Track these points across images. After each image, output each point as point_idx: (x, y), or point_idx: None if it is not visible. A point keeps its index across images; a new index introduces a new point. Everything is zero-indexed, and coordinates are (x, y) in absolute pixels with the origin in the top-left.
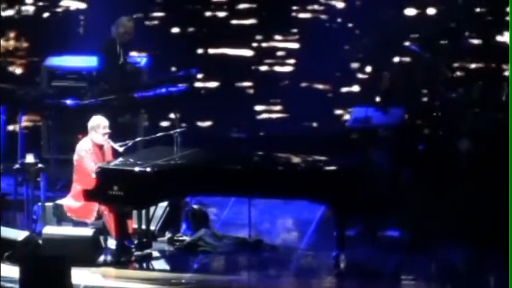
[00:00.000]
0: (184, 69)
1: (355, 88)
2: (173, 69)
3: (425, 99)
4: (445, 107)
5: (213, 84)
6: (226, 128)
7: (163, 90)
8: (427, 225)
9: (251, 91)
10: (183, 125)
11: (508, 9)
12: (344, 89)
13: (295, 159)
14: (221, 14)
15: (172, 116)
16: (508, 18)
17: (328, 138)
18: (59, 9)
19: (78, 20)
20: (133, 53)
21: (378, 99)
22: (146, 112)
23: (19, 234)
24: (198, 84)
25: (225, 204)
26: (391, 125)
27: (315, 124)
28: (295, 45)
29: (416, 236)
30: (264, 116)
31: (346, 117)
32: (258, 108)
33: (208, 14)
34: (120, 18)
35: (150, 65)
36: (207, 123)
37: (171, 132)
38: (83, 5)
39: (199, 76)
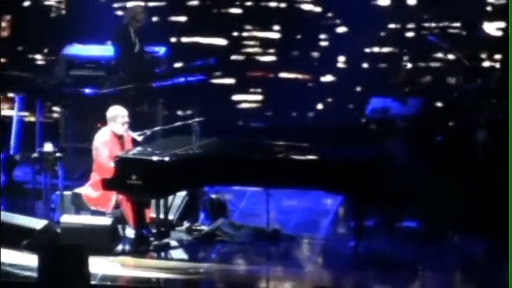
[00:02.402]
0: (202, 58)
1: (373, 78)
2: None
3: (443, 89)
4: (463, 98)
5: (232, 75)
6: (245, 118)
7: (182, 79)
8: (445, 216)
9: (269, 81)
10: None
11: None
12: (362, 79)
13: (314, 150)
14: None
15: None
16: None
17: (347, 129)
18: None
19: (97, 8)
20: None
21: (396, 89)
22: (165, 101)
23: (37, 223)
24: (216, 74)
25: (243, 194)
26: (409, 115)
27: (333, 115)
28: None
29: (434, 227)
30: (283, 106)
31: (365, 107)
32: (277, 98)
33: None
34: (132, 5)
35: (168, 55)
36: (226, 113)
37: (190, 121)
38: None
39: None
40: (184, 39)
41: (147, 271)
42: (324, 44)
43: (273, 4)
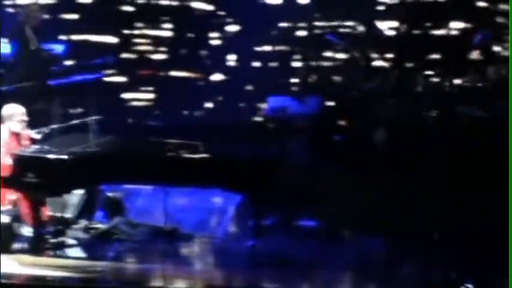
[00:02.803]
0: (100, 57)
1: (272, 77)
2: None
3: (341, 89)
4: (360, 97)
5: (127, 73)
6: (142, 116)
7: (79, 77)
8: (343, 215)
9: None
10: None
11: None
12: (259, 78)
13: (212, 148)
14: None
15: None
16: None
17: (245, 127)
18: None
19: None
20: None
21: (294, 88)
22: (62, 99)
23: None
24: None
25: (141, 192)
26: (307, 114)
27: (231, 113)
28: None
29: (332, 226)
30: (183, 104)
31: (263, 106)
32: (177, 95)
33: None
34: (26, 3)
35: (66, 52)
36: (124, 111)
37: (87, 120)
38: None
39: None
40: (82, 37)
41: (44, 269)
42: (220, 43)
43: (165, 2)
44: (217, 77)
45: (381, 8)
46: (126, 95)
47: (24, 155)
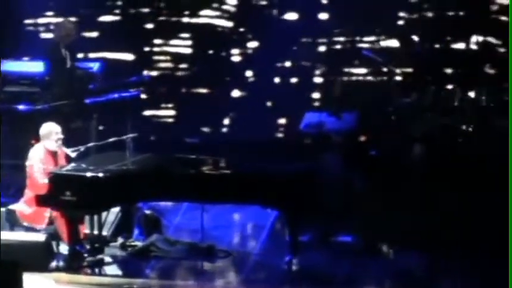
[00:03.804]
0: (136, 74)
1: (310, 93)
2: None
3: (378, 104)
4: (397, 112)
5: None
6: (179, 133)
7: (116, 95)
8: (380, 230)
9: (203, 96)
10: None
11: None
12: (298, 94)
13: (248, 165)
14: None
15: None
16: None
17: (281, 143)
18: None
19: (32, 24)
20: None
21: (331, 104)
22: (98, 117)
23: None
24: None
25: (178, 209)
26: (344, 130)
27: (268, 129)
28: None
29: (369, 241)
30: (218, 121)
31: (300, 122)
32: (211, 113)
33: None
34: (60, 20)
35: (102, 70)
36: (160, 129)
37: (124, 137)
38: (38, 9)
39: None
40: (119, 55)
41: (82, 287)
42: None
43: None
44: (254, 93)
45: (416, 23)
46: (161, 112)
47: (60, 173)
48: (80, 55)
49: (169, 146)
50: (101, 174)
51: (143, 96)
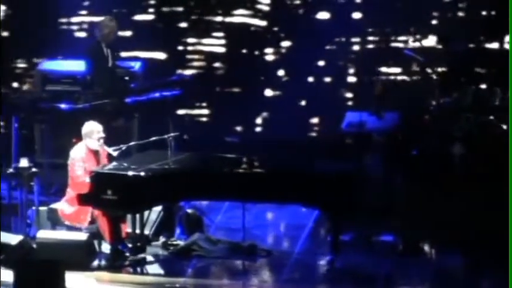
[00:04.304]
0: (178, 73)
1: (349, 92)
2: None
3: (419, 103)
4: (438, 112)
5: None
6: (220, 132)
7: (157, 94)
8: (421, 230)
9: (244, 95)
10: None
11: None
12: (338, 93)
13: (289, 164)
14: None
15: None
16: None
17: (322, 143)
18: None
19: (73, 23)
20: (127, 57)
21: (372, 103)
22: (140, 116)
23: (13, 238)
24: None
25: (219, 208)
26: (385, 129)
27: (308, 128)
28: (286, 45)
29: (410, 241)
30: (258, 120)
31: (341, 121)
32: (251, 112)
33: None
34: (101, 19)
35: (144, 69)
36: (201, 128)
37: (165, 136)
38: (78, 8)
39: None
40: (160, 54)
41: (123, 286)
42: (301, 56)
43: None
44: (295, 92)
45: (455, 22)
46: (202, 111)
47: (102, 172)
48: (120, 53)
49: (210, 145)
50: (142, 173)
51: (184, 95)
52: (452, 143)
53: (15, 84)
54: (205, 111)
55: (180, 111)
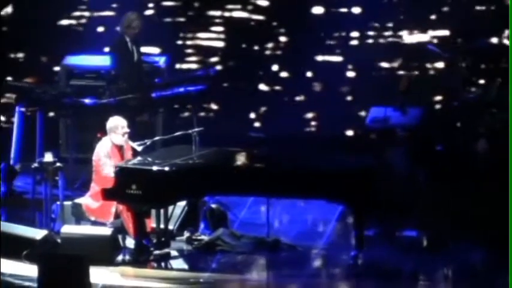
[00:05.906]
0: (202, 68)
1: (375, 88)
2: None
3: (443, 99)
4: (462, 107)
5: (231, 83)
6: (245, 127)
7: (182, 89)
8: (445, 225)
9: (270, 91)
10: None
11: None
12: (361, 89)
13: (314, 159)
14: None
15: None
16: None
17: (346, 138)
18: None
19: (97, 18)
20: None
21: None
22: (164, 111)
23: (37, 233)
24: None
25: (244, 203)
26: (409, 125)
27: (333, 124)
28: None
29: (434, 236)
30: (284, 116)
31: (365, 117)
32: (276, 108)
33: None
34: (126, 14)
35: (168, 64)
36: (225, 123)
37: (190, 131)
38: (103, 4)
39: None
40: (184, 49)
41: (148, 281)
42: (324, 53)
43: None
44: (319, 88)
45: (479, 16)
46: (228, 107)
47: (127, 167)
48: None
49: (235, 140)
50: (167, 168)
51: (209, 90)
52: (477, 138)
53: (40, 79)
54: (230, 107)
55: (205, 106)
